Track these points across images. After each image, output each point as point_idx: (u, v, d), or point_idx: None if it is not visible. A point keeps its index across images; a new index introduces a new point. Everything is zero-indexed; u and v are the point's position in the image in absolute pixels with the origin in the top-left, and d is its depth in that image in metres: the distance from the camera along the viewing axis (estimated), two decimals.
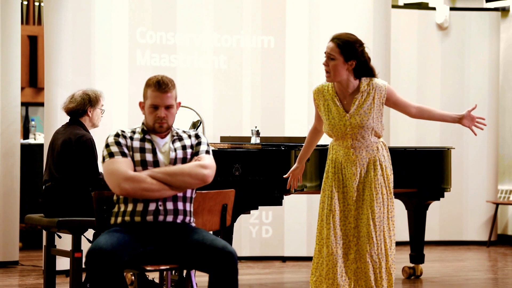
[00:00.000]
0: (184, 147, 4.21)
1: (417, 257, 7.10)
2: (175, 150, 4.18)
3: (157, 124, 4.15)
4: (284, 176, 5.06)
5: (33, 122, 9.63)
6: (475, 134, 4.80)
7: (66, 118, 6.08)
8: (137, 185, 4.04)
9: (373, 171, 4.68)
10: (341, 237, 4.69)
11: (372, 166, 4.68)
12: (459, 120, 4.72)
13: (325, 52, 4.66)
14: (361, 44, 4.65)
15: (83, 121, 5.93)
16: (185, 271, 5.77)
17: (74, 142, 5.74)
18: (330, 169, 4.77)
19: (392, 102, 4.72)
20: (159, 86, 4.12)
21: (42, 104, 8.83)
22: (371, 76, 4.68)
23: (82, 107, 5.91)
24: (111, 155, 4.10)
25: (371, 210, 4.64)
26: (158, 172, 4.09)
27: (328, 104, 4.71)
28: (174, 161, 4.15)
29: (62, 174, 5.76)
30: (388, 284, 4.65)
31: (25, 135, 9.62)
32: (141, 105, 4.22)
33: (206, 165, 4.15)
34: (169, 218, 4.12)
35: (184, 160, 4.18)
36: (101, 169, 5.83)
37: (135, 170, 4.10)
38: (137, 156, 4.13)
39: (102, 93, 6.05)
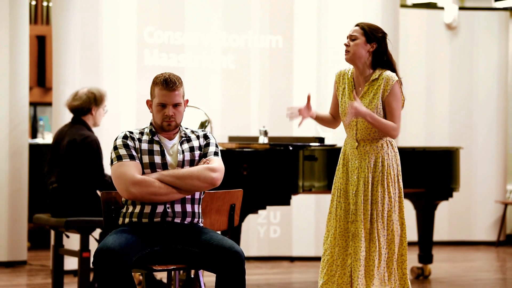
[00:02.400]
0: (192, 149, 4.19)
1: (426, 257, 7.09)
2: (183, 152, 4.16)
3: (165, 122, 4.14)
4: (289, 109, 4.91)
5: (41, 122, 9.64)
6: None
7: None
8: (145, 189, 4.03)
9: (374, 168, 4.68)
10: (346, 230, 4.71)
11: (374, 163, 4.68)
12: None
13: (347, 37, 4.72)
14: (384, 33, 4.76)
15: (86, 120, 5.91)
16: (193, 271, 5.77)
17: (79, 143, 5.73)
18: (341, 161, 4.81)
19: (388, 100, 4.67)
20: (167, 85, 4.11)
21: (50, 104, 8.85)
22: (390, 68, 4.71)
23: (87, 105, 5.90)
24: (119, 158, 4.08)
25: (370, 207, 4.65)
26: (166, 176, 4.07)
27: (344, 88, 4.77)
28: (182, 164, 4.14)
29: (68, 175, 5.76)
30: (382, 282, 4.63)
31: (33, 135, 9.63)
32: (149, 104, 4.21)
33: (215, 168, 4.13)
34: (177, 220, 4.11)
35: (192, 163, 4.16)
36: (107, 170, 5.85)
37: (143, 173, 4.09)
38: (146, 159, 4.11)
39: (106, 92, 6.04)
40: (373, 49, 4.69)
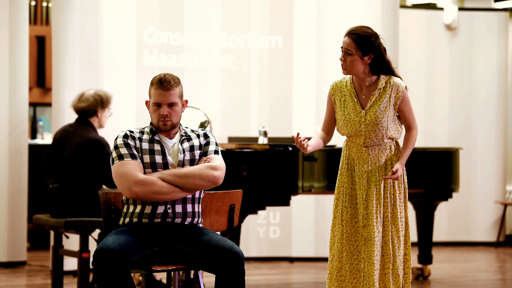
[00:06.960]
0: (192, 148, 4.19)
1: (425, 258, 7.08)
2: (183, 151, 4.16)
3: (161, 122, 4.14)
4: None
5: (40, 123, 9.64)
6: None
7: (74, 118, 6.07)
8: (148, 188, 4.03)
9: (385, 169, 4.66)
10: (353, 234, 4.68)
11: (384, 165, 4.66)
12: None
13: (341, 47, 4.62)
14: (377, 37, 4.62)
15: (92, 122, 5.92)
16: (192, 272, 5.76)
17: (91, 145, 5.70)
18: (344, 166, 4.75)
19: (401, 107, 4.66)
20: (161, 84, 4.11)
21: (50, 104, 8.84)
22: (388, 70, 4.64)
23: (94, 107, 5.90)
24: (120, 157, 4.08)
25: (383, 210, 4.62)
26: (168, 175, 4.07)
27: (345, 100, 4.69)
28: (182, 163, 4.14)
29: (73, 176, 5.74)
30: (396, 285, 4.63)
31: (33, 135, 9.63)
32: (147, 104, 4.22)
33: (216, 166, 4.13)
34: (178, 220, 4.11)
35: (192, 162, 4.17)
36: None
37: (144, 172, 4.09)
38: (147, 158, 4.11)
39: (112, 95, 6.05)
40: (370, 60, 4.59)
